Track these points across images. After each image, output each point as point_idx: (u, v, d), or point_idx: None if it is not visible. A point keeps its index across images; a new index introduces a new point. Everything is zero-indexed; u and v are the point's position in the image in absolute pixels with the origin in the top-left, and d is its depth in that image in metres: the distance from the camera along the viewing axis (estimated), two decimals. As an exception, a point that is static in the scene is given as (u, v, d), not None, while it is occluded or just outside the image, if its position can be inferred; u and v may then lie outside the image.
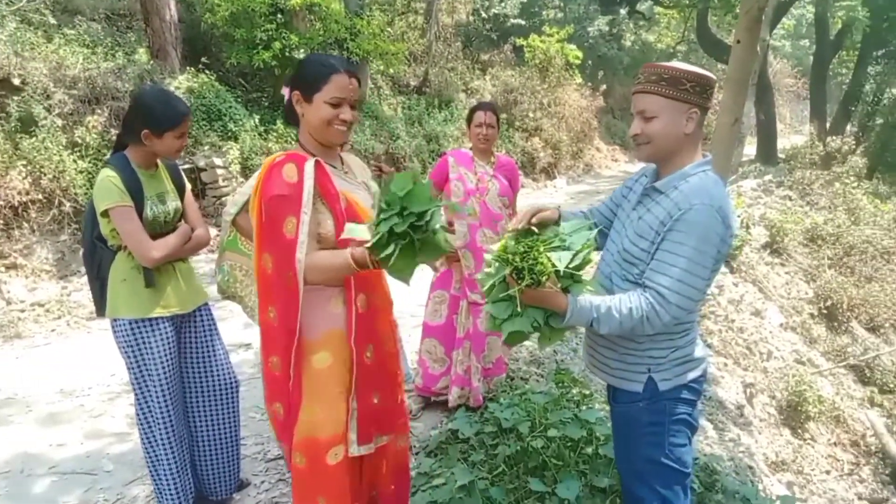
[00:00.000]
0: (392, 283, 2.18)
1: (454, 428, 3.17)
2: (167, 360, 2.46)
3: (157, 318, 2.43)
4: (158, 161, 2.51)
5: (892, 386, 8.07)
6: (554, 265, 1.66)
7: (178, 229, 2.52)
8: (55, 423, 3.76)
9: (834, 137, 15.60)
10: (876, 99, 17.58)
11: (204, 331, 2.65)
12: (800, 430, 6.64)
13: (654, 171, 1.93)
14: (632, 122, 1.88)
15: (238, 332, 5.11)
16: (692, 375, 1.92)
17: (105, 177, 2.31)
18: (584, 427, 2.84)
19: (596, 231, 1.83)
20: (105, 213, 2.31)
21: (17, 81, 6.77)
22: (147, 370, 2.43)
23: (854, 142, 15.68)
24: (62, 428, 3.70)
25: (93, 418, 3.82)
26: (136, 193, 2.34)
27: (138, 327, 2.40)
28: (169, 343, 2.47)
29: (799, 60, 30.84)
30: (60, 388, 4.25)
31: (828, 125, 18.62)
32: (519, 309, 1.71)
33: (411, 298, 5.05)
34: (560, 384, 3.39)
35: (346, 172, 2.04)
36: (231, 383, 2.73)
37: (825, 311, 8.98)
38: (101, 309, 2.52)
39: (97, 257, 2.46)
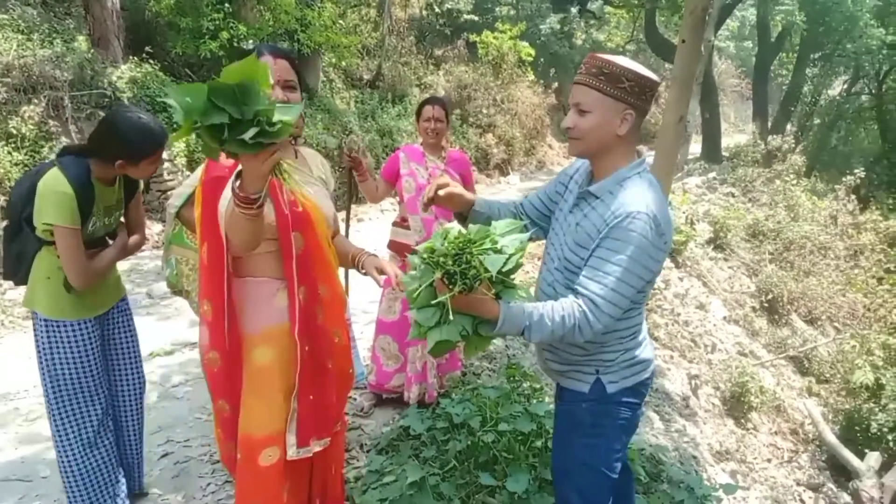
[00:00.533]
0: (352, 280, 2.15)
1: (406, 425, 3.16)
2: (91, 361, 2.38)
3: (80, 321, 2.35)
4: None
5: (828, 376, 8.44)
6: (488, 269, 1.55)
7: (116, 243, 2.44)
8: (-13, 428, 3.58)
9: (775, 136, 16.18)
10: (813, 100, 18.34)
11: (121, 327, 2.58)
12: (743, 420, 6.88)
13: (588, 170, 1.89)
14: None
15: (184, 331, 4.98)
16: (639, 378, 1.92)
17: (60, 190, 2.13)
18: (534, 420, 2.86)
19: (529, 234, 1.79)
20: (48, 223, 2.18)
21: (-56, 68, 6.41)
22: (63, 369, 2.33)
23: (794, 141, 16.31)
24: (-6, 433, 3.53)
25: (28, 422, 3.65)
26: (85, 210, 2.23)
27: (58, 328, 2.31)
28: (93, 343, 2.38)
29: (743, 61, 31.86)
30: (-7, 390, 4.05)
31: (769, 124, 19.31)
32: (450, 316, 1.59)
33: (364, 295, 5.03)
34: (511, 379, 3.41)
35: (297, 167, 1.99)
36: (141, 380, 2.68)
37: (766, 305, 9.32)
38: (10, 275, 2.41)
39: (22, 237, 2.32)
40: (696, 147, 18.83)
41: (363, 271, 2.05)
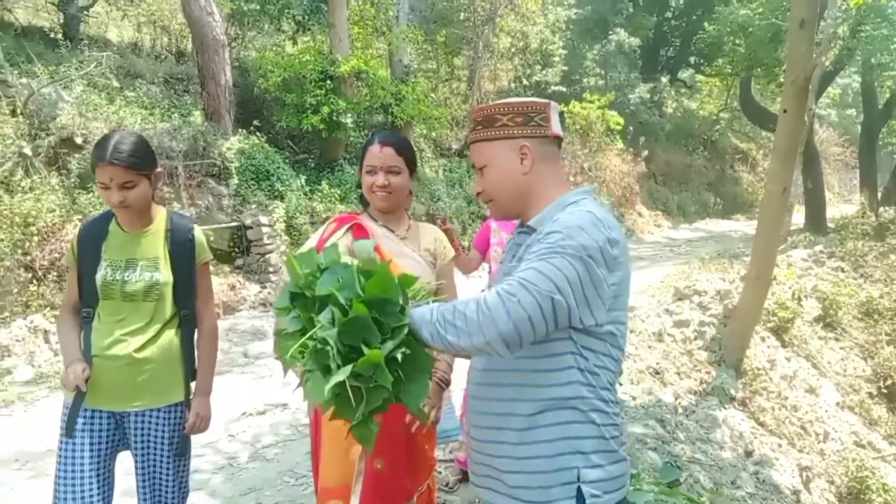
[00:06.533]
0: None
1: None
2: (87, 455, 2.04)
3: (86, 408, 2.05)
4: (153, 221, 2.11)
5: (963, 476, 7.49)
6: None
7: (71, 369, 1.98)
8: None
9: (887, 208, 15.16)
10: (929, 169, 17.14)
11: (142, 439, 2.12)
12: (863, 521, 6.17)
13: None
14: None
15: (277, 392, 5.06)
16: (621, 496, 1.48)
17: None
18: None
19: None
20: None
21: (79, 140, 7.12)
22: (65, 453, 2.03)
23: (908, 213, 15.18)
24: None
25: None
26: (90, 252, 2.06)
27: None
28: (92, 437, 2.05)
29: (845, 129, 30.45)
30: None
31: (879, 195, 18.15)
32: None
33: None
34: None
35: (402, 238, 2.08)
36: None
37: (885, 391, 8.49)
38: None
39: None
40: (797, 217, 17.92)
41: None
